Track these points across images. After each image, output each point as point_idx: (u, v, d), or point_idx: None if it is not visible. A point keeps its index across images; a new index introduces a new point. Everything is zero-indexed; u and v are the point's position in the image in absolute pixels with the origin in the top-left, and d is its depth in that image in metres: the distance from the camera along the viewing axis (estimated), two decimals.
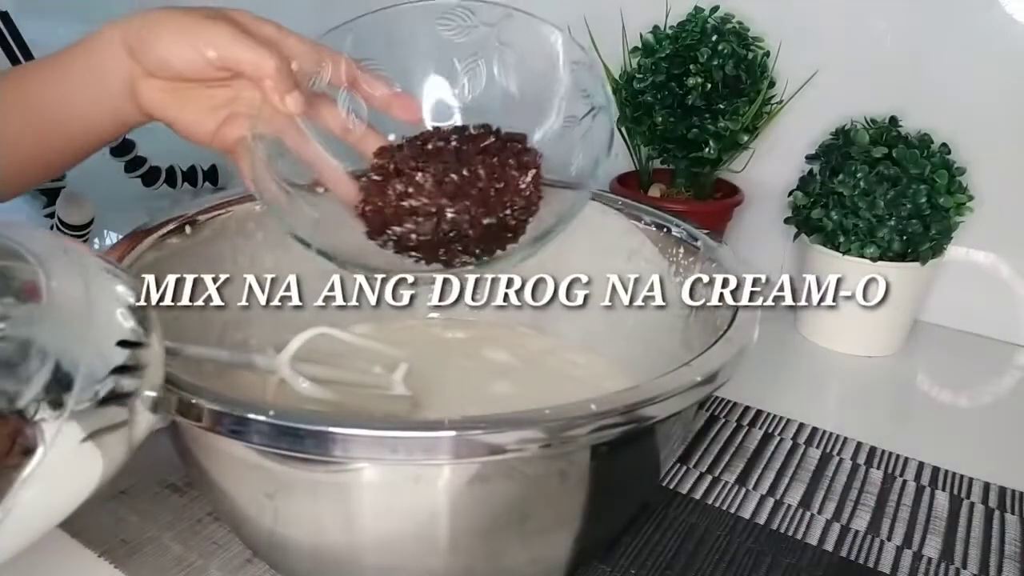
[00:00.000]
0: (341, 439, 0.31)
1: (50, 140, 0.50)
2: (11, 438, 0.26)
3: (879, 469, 0.53)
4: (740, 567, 0.44)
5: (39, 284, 0.29)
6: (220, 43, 0.45)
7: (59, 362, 0.27)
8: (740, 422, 0.57)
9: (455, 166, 0.49)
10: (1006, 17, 0.65)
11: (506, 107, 0.52)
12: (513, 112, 0.51)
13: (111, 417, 0.29)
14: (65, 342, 0.28)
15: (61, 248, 0.31)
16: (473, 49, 0.51)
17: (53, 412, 0.27)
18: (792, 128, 0.74)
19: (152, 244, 0.48)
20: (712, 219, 0.73)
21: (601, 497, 0.38)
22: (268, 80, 0.45)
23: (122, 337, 0.30)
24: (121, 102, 0.49)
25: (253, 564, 0.42)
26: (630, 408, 0.33)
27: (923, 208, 0.62)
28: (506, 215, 0.48)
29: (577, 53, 0.49)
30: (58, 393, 0.27)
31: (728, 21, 0.71)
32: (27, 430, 0.26)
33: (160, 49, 0.46)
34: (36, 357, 0.27)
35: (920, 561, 0.45)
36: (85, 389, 0.28)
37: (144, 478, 0.48)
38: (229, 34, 0.45)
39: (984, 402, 0.64)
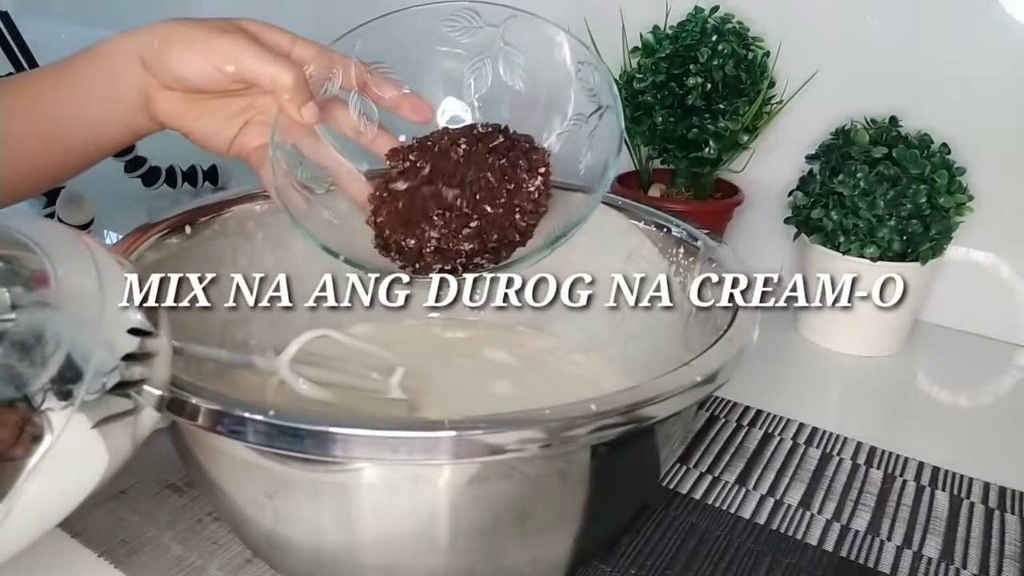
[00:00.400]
0: (341, 439, 0.31)
1: (59, 147, 0.50)
2: (20, 427, 0.26)
3: (879, 469, 0.53)
4: (740, 567, 0.44)
5: (48, 274, 0.29)
6: (237, 57, 0.45)
7: (70, 352, 0.27)
8: (740, 422, 0.57)
9: (465, 171, 0.49)
10: (1006, 17, 0.65)
11: (514, 106, 0.52)
12: (521, 111, 0.52)
13: (118, 408, 0.29)
14: (75, 331, 0.28)
15: (69, 239, 0.31)
16: (479, 50, 0.52)
17: (61, 402, 0.27)
18: (792, 128, 0.74)
19: (152, 244, 0.48)
20: (712, 219, 0.73)
21: (601, 497, 0.38)
22: (285, 93, 0.45)
23: (132, 326, 0.30)
24: (134, 113, 0.49)
25: (253, 564, 0.42)
26: (630, 408, 0.33)
27: (923, 208, 0.62)
28: (516, 218, 0.48)
29: (582, 53, 0.49)
30: (68, 383, 0.27)
31: (728, 21, 0.71)
32: (36, 419, 0.27)
33: (176, 63, 0.46)
34: (48, 345, 0.27)
35: (920, 561, 0.45)
36: (94, 380, 0.28)
37: (144, 478, 0.48)
38: (245, 47, 0.45)
39: (984, 402, 0.64)
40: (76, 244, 0.31)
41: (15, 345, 0.27)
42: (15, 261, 0.29)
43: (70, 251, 0.31)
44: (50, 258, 0.29)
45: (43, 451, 0.27)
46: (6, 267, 0.29)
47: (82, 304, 0.29)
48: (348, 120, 0.51)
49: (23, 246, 0.30)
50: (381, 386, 0.48)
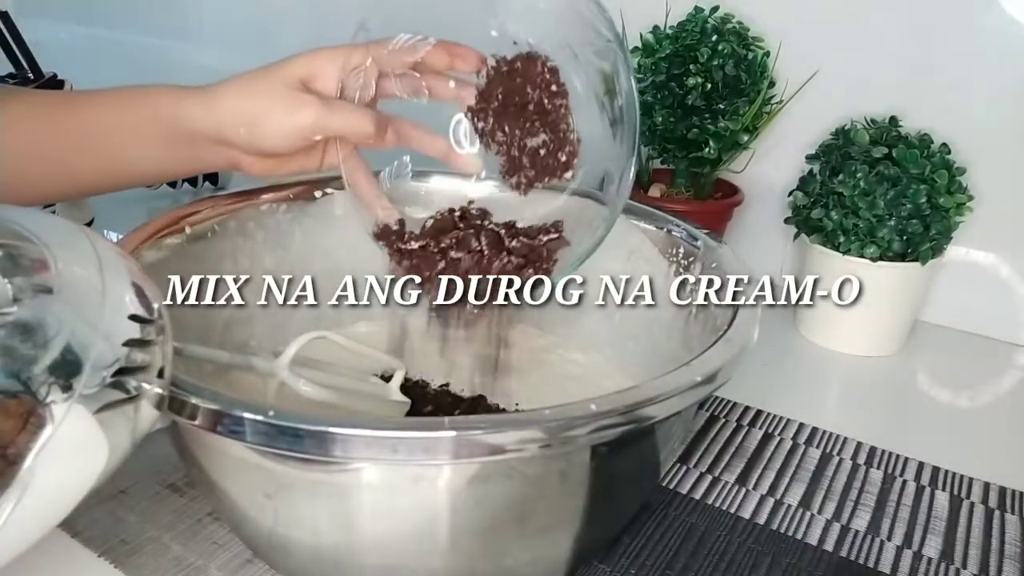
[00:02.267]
0: (341, 439, 0.31)
1: (105, 180, 0.52)
2: (24, 418, 0.27)
3: (879, 469, 0.53)
4: (740, 567, 0.44)
5: (49, 265, 0.29)
6: (324, 128, 0.47)
7: (71, 341, 0.27)
8: (740, 422, 0.57)
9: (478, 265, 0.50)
10: (1006, 17, 0.65)
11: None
12: None
13: (118, 396, 0.29)
14: (76, 320, 0.28)
15: (70, 229, 0.32)
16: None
17: (63, 394, 0.27)
18: (792, 128, 0.74)
19: (152, 244, 0.48)
20: (712, 219, 0.73)
21: (601, 497, 0.38)
22: (370, 140, 0.48)
23: (133, 312, 0.30)
24: (209, 166, 0.51)
25: (253, 564, 0.42)
26: (630, 408, 0.33)
27: (923, 208, 0.62)
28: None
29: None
30: (68, 370, 0.27)
31: (728, 21, 0.72)
32: (40, 410, 0.27)
33: (271, 147, 0.48)
34: (49, 332, 0.27)
35: (920, 561, 0.45)
36: (95, 367, 0.28)
37: (144, 478, 0.48)
38: (324, 113, 0.46)
39: (984, 402, 0.64)
40: (77, 235, 0.31)
41: (17, 328, 0.27)
42: (14, 251, 0.29)
43: (71, 241, 0.31)
44: (50, 248, 0.30)
45: (45, 439, 0.27)
46: (7, 256, 0.29)
47: (83, 293, 0.29)
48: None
49: (23, 237, 0.30)
50: (381, 389, 0.48)
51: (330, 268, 0.56)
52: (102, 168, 0.50)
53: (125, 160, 0.50)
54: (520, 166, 0.48)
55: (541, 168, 0.48)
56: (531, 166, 0.48)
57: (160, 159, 0.50)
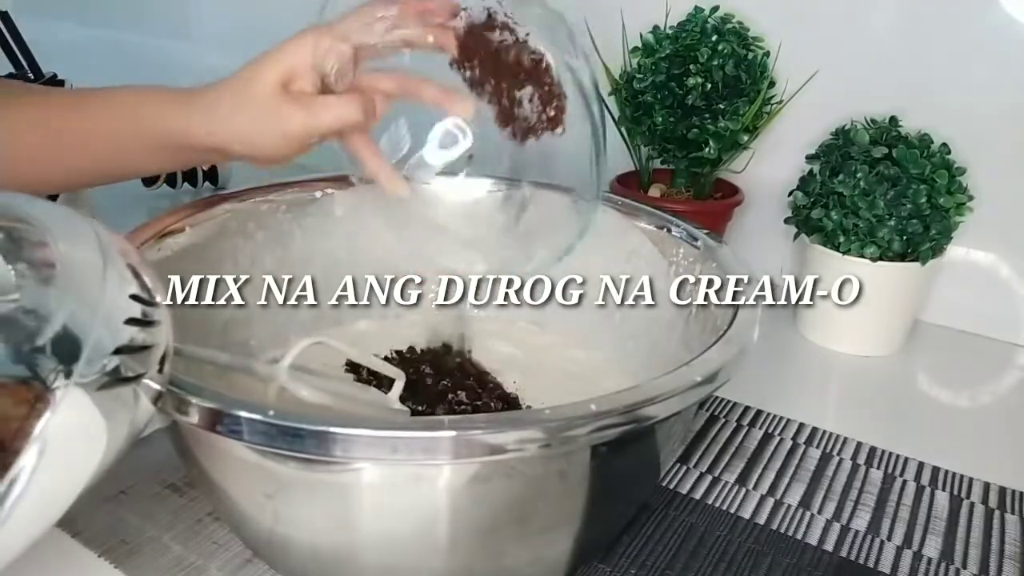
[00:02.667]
0: (341, 439, 0.31)
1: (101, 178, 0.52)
2: (31, 404, 0.27)
3: (879, 469, 0.53)
4: (740, 567, 0.44)
5: (49, 248, 0.29)
6: (306, 129, 0.46)
7: (69, 323, 0.28)
8: (740, 422, 0.57)
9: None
10: (1006, 17, 0.65)
11: None
12: None
13: (117, 380, 0.29)
14: (77, 305, 0.28)
15: (70, 214, 0.32)
16: None
17: (65, 380, 0.27)
18: (792, 128, 0.74)
19: (152, 244, 0.48)
20: (712, 219, 0.73)
21: (601, 497, 0.38)
22: (359, 127, 0.48)
23: (134, 292, 0.30)
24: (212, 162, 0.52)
25: (253, 564, 0.42)
26: (630, 408, 0.33)
27: (923, 208, 0.62)
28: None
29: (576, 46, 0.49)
30: (68, 351, 0.27)
31: (728, 21, 0.71)
32: (46, 395, 0.27)
33: (270, 159, 0.48)
34: (49, 315, 0.27)
35: (920, 561, 0.45)
36: (96, 350, 0.28)
37: (144, 478, 0.48)
38: (308, 117, 0.46)
39: (984, 402, 0.64)
40: (76, 219, 0.32)
41: (21, 313, 0.27)
42: (15, 233, 0.29)
43: (71, 225, 0.31)
44: (51, 231, 0.30)
45: (44, 422, 0.27)
46: (8, 239, 0.29)
47: (84, 277, 0.29)
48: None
49: (23, 219, 0.30)
50: (381, 398, 0.48)
51: (330, 268, 0.56)
52: (98, 168, 0.50)
53: (122, 162, 0.50)
54: (512, 116, 0.49)
55: (535, 118, 0.48)
56: (523, 118, 0.49)
57: (160, 161, 0.50)
